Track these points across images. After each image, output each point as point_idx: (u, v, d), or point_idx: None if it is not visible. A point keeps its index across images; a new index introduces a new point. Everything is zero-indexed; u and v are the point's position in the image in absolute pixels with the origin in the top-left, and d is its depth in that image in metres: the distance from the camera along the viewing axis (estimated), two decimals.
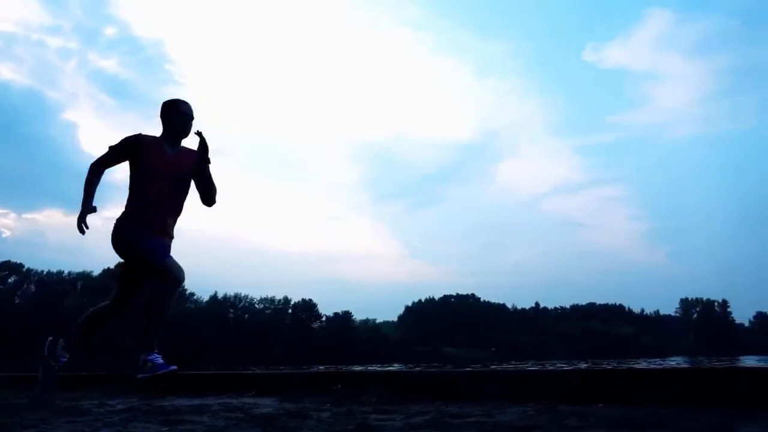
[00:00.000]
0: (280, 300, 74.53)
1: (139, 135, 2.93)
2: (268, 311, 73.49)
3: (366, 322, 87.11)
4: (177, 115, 2.99)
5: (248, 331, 63.62)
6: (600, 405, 2.30)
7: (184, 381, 3.64)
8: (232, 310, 70.50)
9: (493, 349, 73.17)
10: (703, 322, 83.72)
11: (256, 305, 73.26)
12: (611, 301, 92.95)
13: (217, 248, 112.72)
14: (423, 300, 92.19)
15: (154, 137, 2.98)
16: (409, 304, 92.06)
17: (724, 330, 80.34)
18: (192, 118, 3.03)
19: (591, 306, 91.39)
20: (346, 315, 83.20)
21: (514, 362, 34.11)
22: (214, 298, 68.03)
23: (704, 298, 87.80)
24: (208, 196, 3.04)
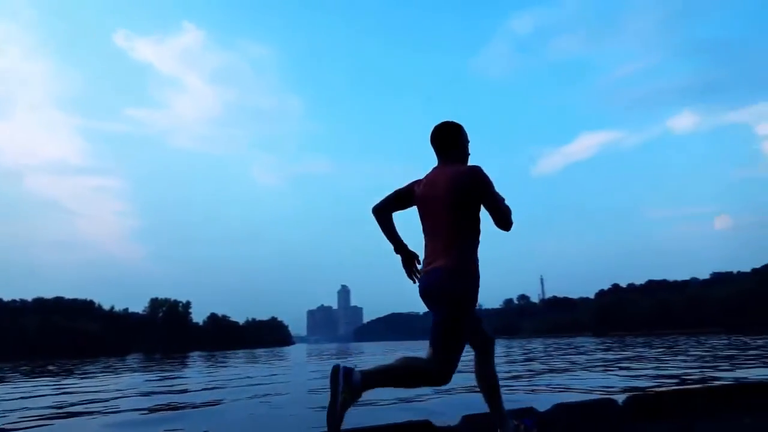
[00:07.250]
0: None
1: None
2: None
3: None
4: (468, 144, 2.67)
5: None
6: None
7: None
8: None
9: None
10: (167, 319, 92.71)
11: None
12: (81, 297, 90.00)
13: None
14: None
15: None
16: None
17: (182, 327, 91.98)
18: None
19: (59, 300, 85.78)
20: None
21: None
22: None
23: (172, 299, 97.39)
24: None
